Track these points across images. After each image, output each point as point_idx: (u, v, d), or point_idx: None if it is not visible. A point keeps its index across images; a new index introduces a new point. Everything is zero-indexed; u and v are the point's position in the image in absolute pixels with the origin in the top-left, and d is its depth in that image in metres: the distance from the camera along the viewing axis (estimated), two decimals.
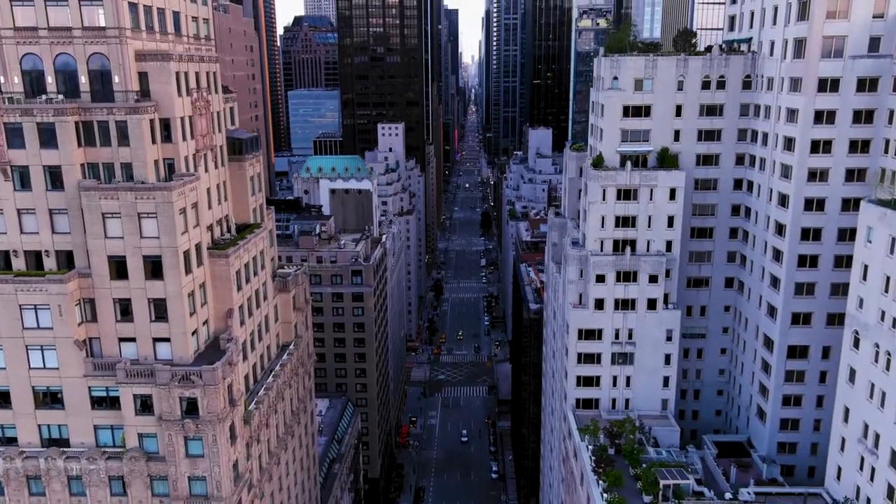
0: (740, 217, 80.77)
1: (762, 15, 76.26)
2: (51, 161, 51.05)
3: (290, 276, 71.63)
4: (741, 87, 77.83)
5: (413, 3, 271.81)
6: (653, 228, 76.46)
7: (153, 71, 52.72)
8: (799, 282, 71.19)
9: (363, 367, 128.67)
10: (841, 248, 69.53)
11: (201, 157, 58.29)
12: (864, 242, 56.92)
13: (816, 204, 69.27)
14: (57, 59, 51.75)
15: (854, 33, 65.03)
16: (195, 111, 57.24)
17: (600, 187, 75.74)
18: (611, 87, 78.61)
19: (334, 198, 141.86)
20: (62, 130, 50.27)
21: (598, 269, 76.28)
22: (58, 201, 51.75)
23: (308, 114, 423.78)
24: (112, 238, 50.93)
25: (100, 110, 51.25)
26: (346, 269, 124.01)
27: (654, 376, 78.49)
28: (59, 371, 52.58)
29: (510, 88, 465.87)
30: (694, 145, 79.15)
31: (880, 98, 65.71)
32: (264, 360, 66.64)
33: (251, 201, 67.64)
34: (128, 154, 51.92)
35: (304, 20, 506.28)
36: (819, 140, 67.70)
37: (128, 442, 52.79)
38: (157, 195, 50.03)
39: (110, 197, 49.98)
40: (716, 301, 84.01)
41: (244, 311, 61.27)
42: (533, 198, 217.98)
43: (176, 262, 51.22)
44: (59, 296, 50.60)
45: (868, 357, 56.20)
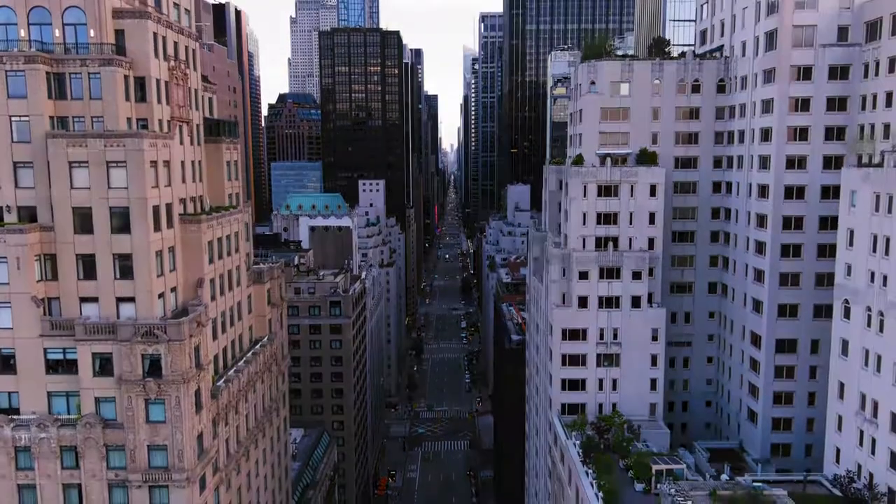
0: (720, 220, 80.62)
1: (732, 21, 78.67)
2: (18, 111, 49.55)
3: (265, 270, 69.30)
4: (715, 90, 79.37)
5: (394, 72, 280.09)
6: (634, 225, 75.68)
7: (130, 28, 52.26)
8: (783, 272, 70.32)
9: (340, 403, 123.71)
10: (822, 237, 69.18)
11: (176, 126, 57.14)
12: (848, 208, 56.51)
13: (796, 192, 69.35)
14: (31, 11, 51.13)
15: (823, 23, 66.94)
16: (172, 79, 56.53)
17: (581, 184, 75.36)
18: (589, 92, 79.68)
19: (314, 235, 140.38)
20: (32, 79, 49.08)
21: (581, 265, 74.87)
22: (23, 153, 49.92)
23: (290, 184, 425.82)
24: (78, 189, 48.94)
25: (72, 62, 50.33)
26: (324, 300, 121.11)
27: (641, 378, 75.78)
28: (13, 332, 49.22)
29: (488, 162, 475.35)
30: (672, 148, 79.86)
31: (852, 85, 67.00)
32: (236, 348, 63.40)
33: (227, 186, 66.16)
34: (99, 108, 50.71)
35: (289, 97, 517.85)
36: (795, 127, 68.47)
37: (83, 407, 48.92)
38: (128, 143, 48.49)
39: (78, 144, 48.33)
40: (700, 307, 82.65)
41: (216, 286, 58.65)
42: (512, 249, 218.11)
43: (144, 215, 49.10)
44: (17, 247, 47.97)
45: (860, 324, 54.70)
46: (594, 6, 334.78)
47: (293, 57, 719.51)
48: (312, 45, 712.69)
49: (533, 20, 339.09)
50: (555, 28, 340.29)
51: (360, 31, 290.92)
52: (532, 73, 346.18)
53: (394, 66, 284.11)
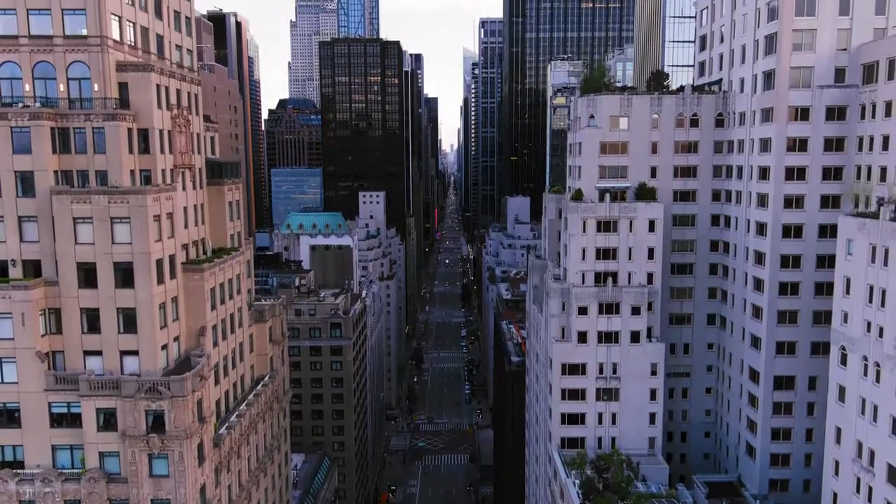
0: (719, 252, 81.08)
1: (731, 56, 79.17)
2: (23, 167, 50.08)
3: (267, 307, 69.80)
4: (714, 124, 79.82)
5: (395, 81, 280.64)
6: (633, 260, 76.20)
7: (133, 81, 52.79)
8: (781, 310, 70.80)
9: (341, 425, 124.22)
10: (820, 276, 69.63)
11: (179, 174, 57.66)
12: (845, 256, 56.95)
13: (794, 230, 69.82)
14: (36, 66, 51.68)
15: (820, 64, 67.38)
16: (174, 127, 57.06)
17: (580, 219, 75.89)
18: (588, 126, 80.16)
19: (314, 254, 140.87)
20: (37, 135, 49.59)
21: (580, 301, 75.40)
22: (28, 208, 50.45)
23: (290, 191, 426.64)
24: (82, 244, 49.48)
25: (77, 116, 50.87)
26: (324, 322, 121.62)
27: (640, 413, 76.34)
28: (18, 386, 49.75)
29: (488, 167, 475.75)
30: (671, 181, 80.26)
31: (849, 126, 67.50)
32: (237, 389, 63.90)
33: (229, 227, 66.66)
34: (103, 161, 51.23)
35: (289, 102, 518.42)
36: (793, 167, 68.94)
37: (87, 462, 49.45)
38: (132, 199, 49.02)
39: (82, 201, 48.87)
40: (699, 338, 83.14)
41: (218, 332, 59.18)
42: (512, 262, 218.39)
43: (148, 269, 49.63)
44: (22, 303, 48.53)
45: (857, 371, 55.16)
46: (594, 14, 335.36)
47: (293, 61, 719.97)
48: (312, 49, 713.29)
49: (533, 28, 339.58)
50: (554, 36, 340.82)
51: (361, 41, 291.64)
52: (532, 80, 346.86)
53: (394, 76, 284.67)
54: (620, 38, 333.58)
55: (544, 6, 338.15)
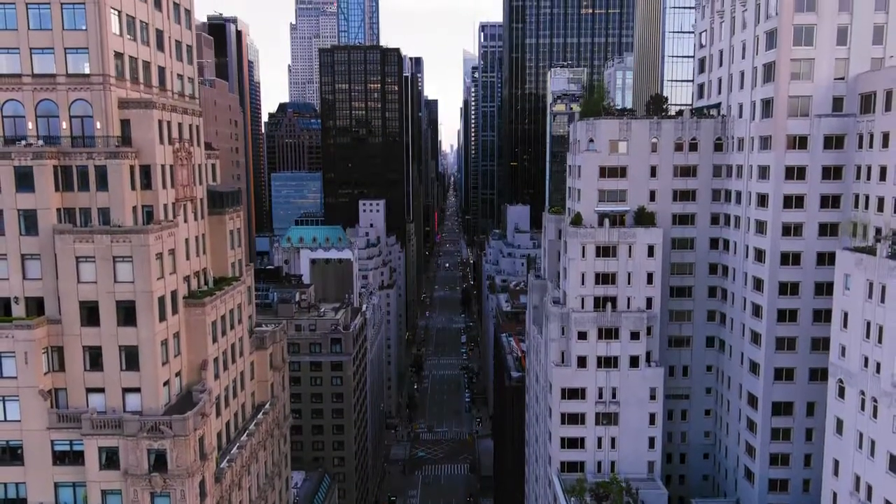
0: (718, 276, 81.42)
1: (729, 80, 79.55)
2: (26, 205, 50.43)
3: (267, 334, 70.13)
4: (713, 148, 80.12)
5: (395, 88, 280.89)
6: (633, 285, 76.56)
7: (135, 118, 53.12)
8: (780, 336, 71.19)
9: (341, 440, 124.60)
10: (818, 303, 69.97)
11: (181, 207, 58.01)
12: (843, 290, 57.29)
13: (793, 258, 70.18)
14: (39, 104, 52.05)
15: (818, 93, 67.78)
16: (176, 160, 57.39)
17: (580, 244, 76.24)
18: (587, 150, 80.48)
19: (314, 268, 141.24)
20: (40, 174, 49.94)
21: (579, 325, 75.76)
22: (31, 246, 50.79)
23: (290, 195, 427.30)
24: (85, 283, 49.82)
25: (79, 155, 51.21)
26: (325, 338, 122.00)
27: (639, 437, 76.71)
28: (21, 424, 50.11)
29: (488, 171, 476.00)
30: (670, 205, 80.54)
31: (847, 154, 67.87)
32: (238, 419, 64.24)
33: (230, 255, 66.98)
34: (105, 199, 51.56)
35: (289, 106, 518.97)
36: (791, 195, 69.29)
37: (90, 499, 49.80)
38: (134, 238, 49.36)
39: (85, 240, 49.20)
40: (698, 361, 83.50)
41: (219, 364, 59.54)
42: (512, 271, 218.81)
43: (150, 307, 49.98)
44: (25, 342, 48.88)
45: (854, 406, 55.49)
46: (593, 21, 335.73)
47: (293, 64, 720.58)
48: (312, 52, 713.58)
49: (533, 34, 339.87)
50: (554, 42, 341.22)
51: (361, 48, 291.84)
52: (532, 86, 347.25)
53: (394, 83, 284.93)
54: (620, 44, 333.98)
55: (544, 12, 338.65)
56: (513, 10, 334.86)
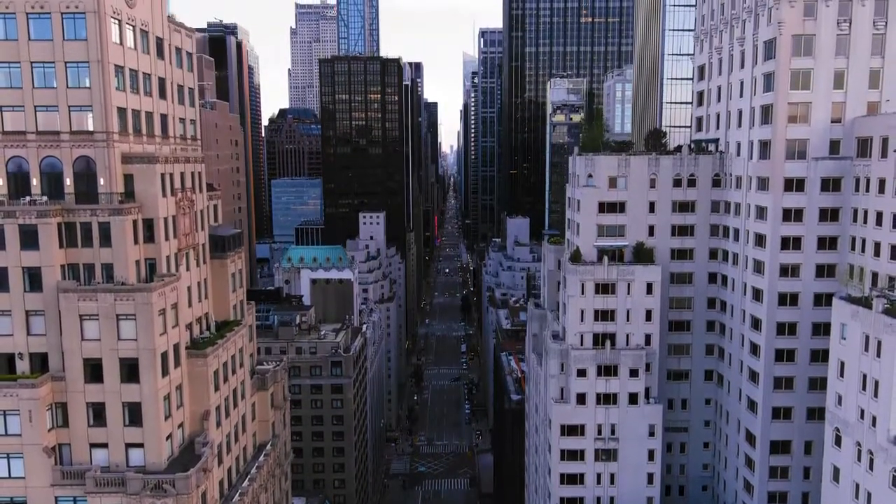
0: (716, 310, 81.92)
1: (727, 118, 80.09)
2: (31, 263, 50.93)
3: (268, 373, 70.65)
4: (711, 184, 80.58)
5: (395, 98, 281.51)
6: (632, 322, 77.08)
7: (138, 173, 53.64)
8: (777, 376, 71.70)
9: (342, 462, 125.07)
10: (816, 343, 70.48)
11: (183, 256, 58.52)
12: (839, 339, 57.82)
13: (790, 298, 70.68)
14: (43, 161, 52.55)
15: (815, 136, 68.30)
16: (179, 210, 57.89)
17: (579, 281, 76.73)
18: (586, 185, 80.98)
19: (315, 287, 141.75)
20: (44, 232, 50.43)
21: (578, 363, 76.28)
22: (35, 303, 51.29)
23: (290, 201, 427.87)
24: (88, 340, 50.31)
25: (83, 212, 51.69)
26: (325, 361, 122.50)
27: (638, 473, 77.25)
28: (25, 480, 50.61)
29: (488, 177, 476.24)
30: (668, 240, 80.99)
31: (844, 197, 68.38)
32: (240, 463, 64.74)
33: (231, 298, 67.48)
34: (109, 255, 52.05)
35: (289, 112, 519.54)
36: (789, 237, 69.79)
37: None
38: (137, 297, 49.88)
39: (89, 299, 49.71)
40: (696, 394, 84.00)
41: (221, 411, 60.03)
42: (512, 285, 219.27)
43: (153, 365, 50.51)
44: (30, 401, 49.38)
45: (850, 456, 56.02)
46: (593, 29, 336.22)
47: (293, 68, 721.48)
48: (312, 56, 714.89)
49: (532, 42, 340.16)
50: (554, 50, 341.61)
51: (361, 59, 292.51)
52: (532, 93, 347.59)
53: (394, 93, 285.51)
54: (620, 52, 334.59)
55: (544, 21, 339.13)
56: (512, 19, 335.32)
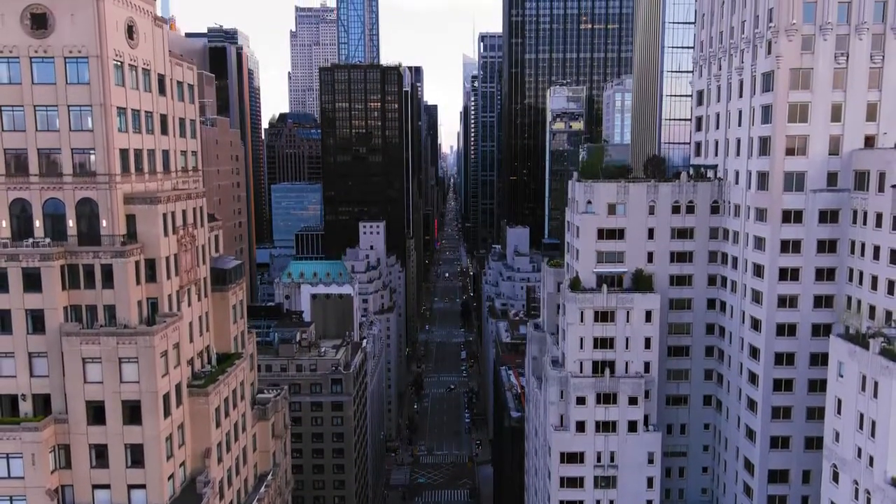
0: (715, 336, 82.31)
1: (726, 145, 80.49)
2: (34, 305, 51.31)
3: (269, 403, 71.02)
4: (710, 211, 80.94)
5: (395, 106, 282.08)
6: (631, 350, 77.45)
7: (140, 213, 54.05)
8: (776, 406, 72.09)
9: (342, 479, 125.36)
10: (813, 373, 70.92)
11: (185, 293, 58.91)
12: (836, 377, 58.16)
13: (788, 329, 71.10)
14: (46, 203, 52.94)
15: (813, 169, 68.69)
16: (180, 248, 58.29)
17: (578, 309, 77.11)
18: (585, 211, 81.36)
19: (315, 303, 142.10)
20: (47, 275, 50.82)
21: (578, 391, 76.65)
22: (38, 344, 51.69)
23: (290, 206, 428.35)
24: (91, 383, 50.71)
25: (86, 254, 52.07)
26: (325, 378, 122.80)
27: (637, 500, 77.63)
28: None
29: (488, 181, 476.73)
30: (667, 266, 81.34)
31: (842, 228, 68.78)
32: (241, 495, 65.13)
33: (232, 329, 67.91)
34: (111, 296, 52.46)
35: (289, 117, 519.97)
36: (787, 268, 70.20)
37: None
38: (139, 340, 50.30)
39: (92, 342, 50.12)
40: (695, 419, 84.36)
41: (222, 447, 60.41)
42: (512, 295, 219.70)
43: (155, 406, 50.92)
44: (33, 444, 49.78)
45: (848, 493, 56.37)
46: (593, 36, 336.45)
47: (293, 71, 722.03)
48: (312, 59, 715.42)
49: (532, 49, 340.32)
50: (554, 57, 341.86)
51: (361, 67, 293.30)
52: (531, 100, 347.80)
53: (394, 101, 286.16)
54: (620, 59, 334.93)
55: (544, 27, 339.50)
56: (512, 26, 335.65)
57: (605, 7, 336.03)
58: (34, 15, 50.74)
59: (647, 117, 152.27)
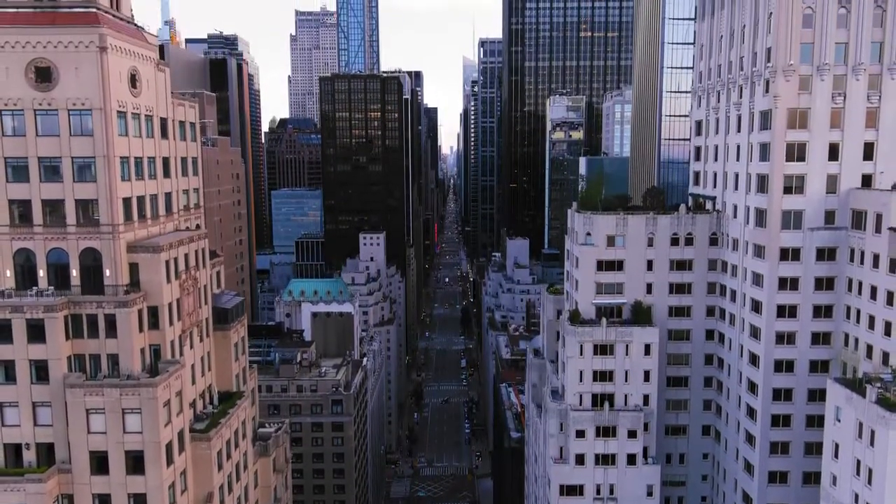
0: (714, 367, 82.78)
1: (724, 178, 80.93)
2: (38, 355, 51.79)
3: (270, 439, 71.49)
4: (708, 243, 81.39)
5: (395, 116, 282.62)
6: (630, 382, 77.91)
7: (143, 262, 54.50)
8: (774, 440, 72.57)
9: (343, 499, 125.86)
10: (811, 408, 71.41)
11: (187, 337, 59.37)
12: (834, 421, 58.62)
13: (786, 365, 71.58)
14: (50, 252, 53.39)
15: (811, 207, 69.16)
16: (183, 292, 58.75)
17: (578, 343, 77.58)
18: (584, 243, 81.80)
19: (316, 321, 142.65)
20: (51, 326, 51.29)
21: (577, 424, 77.11)
22: (41, 394, 52.16)
23: (290, 212, 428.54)
24: (95, 433, 51.17)
25: (89, 304, 52.53)
26: (326, 399, 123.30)
27: None
28: None
29: (488, 186, 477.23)
30: (666, 298, 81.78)
31: (839, 266, 69.26)
32: None
33: (234, 367, 68.36)
34: (115, 345, 52.93)
35: (289, 122, 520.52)
36: (784, 305, 70.67)
37: None
38: (143, 392, 50.77)
39: (95, 393, 50.59)
40: (694, 449, 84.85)
41: (224, 489, 60.88)
42: (511, 307, 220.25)
43: (158, 457, 51.42)
44: (37, 496, 50.23)
45: None
46: (592, 44, 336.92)
47: (293, 75, 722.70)
48: (312, 63, 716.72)
49: (532, 57, 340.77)
50: (554, 65, 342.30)
51: (361, 77, 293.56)
52: (531, 107, 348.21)
53: (394, 110, 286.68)
54: (619, 67, 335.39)
55: (543, 35, 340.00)
56: (512, 34, 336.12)
57: (604, 15, 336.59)
58: (38, 68, 51.20)
59: (646, 132, 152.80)
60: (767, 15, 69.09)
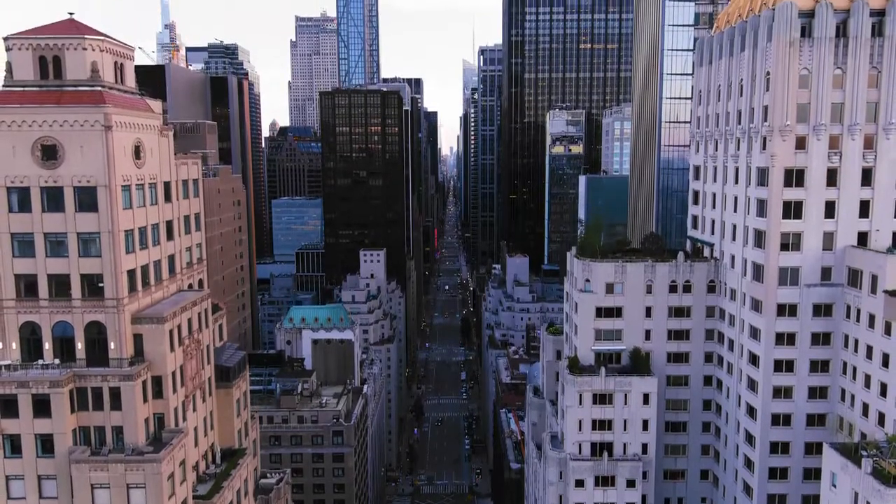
0: (711, 412, 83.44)
1: (722, 227, 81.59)
2: (43, 430, 52.46)
3: (272, 492, 72.15)
4: (706, 290, 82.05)
5: (395, 130, 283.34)
6: (629, 431, 78.61)
7: (148, 333, 55.15)
8: (771, 493, 73.26)
9: None
10: (808, 461, 72.09)
11: (190, 401, 60.04)
12: (830, 486, 59.25)
13: (783, 419, 72.26)
14: (55, 326, 54.05)
15: (807, 263, 69.85)
16: (186, 357, 59.42)
17: (577, 392, 78.27)
18: (584, 290, 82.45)
19: (316, 348, 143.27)
20: (56, 401, 51.95)
21: (577, 473, 77.83)
22: (47, 468, 52.83)
23: (291, 221, 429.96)
24: None
25: (94, 377, 53.20)
26: (327, 430, 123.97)
27: None
28: None
29: (488, 194, 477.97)
30: (664, 344, 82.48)
31: (836, 322, 69.96)
32: None
33: (237, 423, 69.02)
34: (119, 417, 53.56)
35: (290, 130, 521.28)
36: (781, 360, 71.37)
37: None
38: (147, 467, 51.44)
39: (100, 469, 51.25)
40: (693, 494, 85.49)
41: None
42: (511, 325, 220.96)
43: None
44: None
45: None
46: (592, 56, 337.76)
47: (293, 80, 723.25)
48: (312, 68, 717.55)
49: (532, 69, 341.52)
50: (553, 76, 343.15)
51: (361, 92, 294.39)
52: (531, 118, 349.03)
53: (394, 124, 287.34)
54: (619, 79, 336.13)
55: (543, 47, 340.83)
56: (512, 45, 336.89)
57: (604, 27, 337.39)
58: (44, 146, 51.88)
59: (646, 136, 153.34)
60: (764, 73, 69.80)
